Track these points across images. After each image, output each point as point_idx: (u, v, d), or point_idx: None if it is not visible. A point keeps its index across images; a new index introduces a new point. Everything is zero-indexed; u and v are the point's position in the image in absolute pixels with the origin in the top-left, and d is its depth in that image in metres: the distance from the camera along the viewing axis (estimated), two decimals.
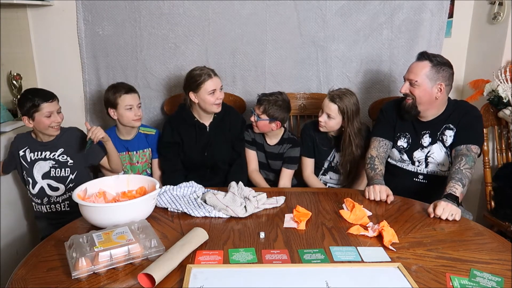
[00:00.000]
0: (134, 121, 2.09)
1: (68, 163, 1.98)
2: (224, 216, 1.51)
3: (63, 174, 1.98)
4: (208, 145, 2.10)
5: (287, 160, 2.14)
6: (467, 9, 2.45)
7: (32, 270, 1.16)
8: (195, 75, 2.02)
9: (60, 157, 1.98)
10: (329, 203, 1.65)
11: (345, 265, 1.19)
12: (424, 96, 1.79)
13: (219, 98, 2.03)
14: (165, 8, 2.38)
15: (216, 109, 2.05)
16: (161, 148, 2.15)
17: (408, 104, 1.84)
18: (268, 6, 2.38)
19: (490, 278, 1.12)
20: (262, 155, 2.19)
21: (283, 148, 2.15)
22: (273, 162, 2.18)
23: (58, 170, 1.98)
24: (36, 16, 2.42)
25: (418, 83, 1.78)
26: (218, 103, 2.04)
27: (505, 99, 2.11)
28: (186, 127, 2.10)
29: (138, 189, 1.57)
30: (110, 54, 2.47)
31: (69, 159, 1.98)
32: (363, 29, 2.42)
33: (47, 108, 1.87)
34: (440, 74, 1.77)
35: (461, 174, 1.64)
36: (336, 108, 1.98)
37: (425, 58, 1.79)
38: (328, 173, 2.18)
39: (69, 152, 1.99)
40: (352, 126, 2.01)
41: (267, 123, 2.06)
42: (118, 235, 1.23)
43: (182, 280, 1.09)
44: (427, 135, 1.89)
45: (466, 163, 1.68)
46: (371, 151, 1.93)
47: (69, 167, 1.99)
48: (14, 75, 2.34)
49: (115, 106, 2.07)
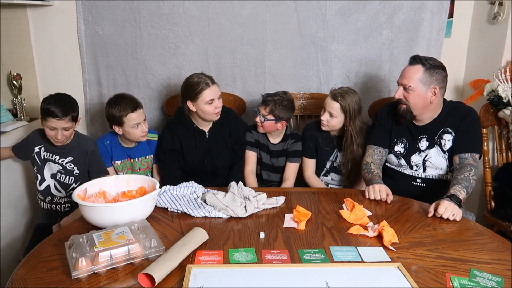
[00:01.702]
0: (141, 137, 2.04)
1: (73, 172, 1.98)
2: (224, 216, 1.51)
3: (67, 182, 1.99)
4: (208, 151, 2.07)
5: (291, 154, 2.13)
6: (467, 9, 2.45)
7: (32, 270, 1.16)
8: (193, 83, 1.95)
9: (67, 165, 1.97)
10: (329, 203, 1.65)
11: (345, 265, 1.19)
12: (418, 101, 1.77)
13: (218, 107, 1.97)
14: (165, 8, 2.38)
15: (215, 117, 2.01)
16: (160, 154, 2.11)
17: (403, 109, 1.81)
18: (268, 6, 2.38)
19: (490, 278, 1.12)
20: (267, 156, 2.18)
21: (286, 144, 2.14)
22: (277, 160, 2.17)
23: (63, 176, 1.99)
24: (36, 16, 2.42)
25: (412, 88, 1.76)
26: (217, 112, 1.98)
27: (505, 99, 2.11)
28: (185, 133, 2.06)
29: (138, 189, 1.57)
30: (110, 54, 2.46)
31: (75, 168, 1.98)
32: (363, 29, 2.42)
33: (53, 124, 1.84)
34: (434, 77, 1.75)
35: (468, 183, 1.64)
36: (338, 106, 1.98)
37: (417, 62, 1.76)
38: (330, 174, 2.17)
39: (77, 162, 1.97)
40: (354, 125, 2.01)
41: (273, 123, 2.05)
42: (118, 235, 1.23)
43: (182, 280, 1.09)
44: (424, 139, 1.87)
45: (474, 174, 1.69)
46: (366, 158, 1.93)
47: (74, 176, 1.99)
48: (14, 75, 2.35)
49: (120, 124, 1.98)
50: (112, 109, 1.97)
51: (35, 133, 2.01)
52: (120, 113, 1.96)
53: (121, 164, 2.12)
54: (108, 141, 2.10)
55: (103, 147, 2.08)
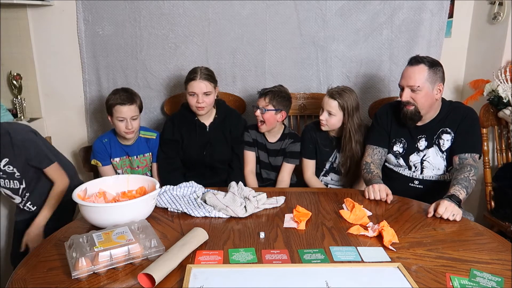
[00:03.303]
0: (125, 133, 2.01)
1: (15, 175, 1.80)
2: (224, 216, 1.51)
3: (13, 186, 1.83)
4: (207, 144, 2.10)
5: (288, 155, 2.13)
6: (467, 9, 2.45)
7: (32, 270, 1.16)
8: (189, 71, 2.05)
9: (6, 168, 1.76)
10: (329, 203, 1.65)
11: (345, 265, 1.19)
12: (426, 101, 1.77)
13: (199, 102, 2.00)
14: (165, 8, 2.38)
15: (197, 111, 2.04)
16: (162, 145, 2.15)
17: (411, 110, 1.80)
18: (268, 6, 2.38)
19: (490, 278, 1.12)
20: (264, 154, 2.19)
21: (284, 143, 2.15)
22: (275, 159, 2.17)
23: (7, 182, 1.81)
24: (36, 16, 2.41)
25: (420, 88, 1.75)
26: (198, 107, 2.01)
27: (505, 99, 2.11)
28: (186, 125, 2.11)
29: (138, 189, 1.57)
30: (110, 54, 2.46)
31: (15, 170, 1.78)
32: (363, 29, 2.42)
33: None
34: (437, 75, 1.77)
35: (468, 183, 1.64)
36: (336, 104, 1.98)
37: (420, 61, 1.76)
38: (330, 174, 2.18)
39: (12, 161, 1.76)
40: (353, 122, 2.02)
41: (273, 114, 2.05)
42: (118, 235, 1.23)
43: (182, 280, 1.09)
44: (423, 139, 1.87)
45: (474, 174, 1.69)
46: (365, 158, 1.94)
47: (17, 179, 1.82)
48: (14, 75, 2.35)
49: (110, 113, 2.02)
50: (109, 96, 2.03)
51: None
52: (110, 102, 2.00)
53: (120, 161, 2.12)
54: (107, 139, 2.10)
55: (101, 145, 2.08)
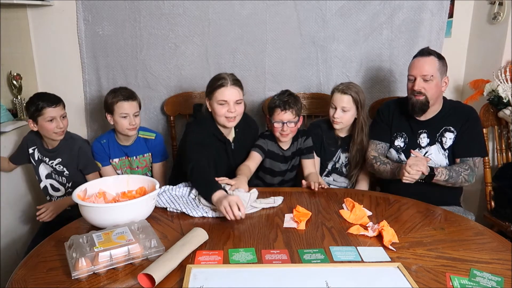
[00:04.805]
0: (128, 129, 2.00)
1: (64, 173, 2.01)
2: (222, 216, 1.50)
3: (62, 181, 2.03)
4: (233, 164, 1.92)
5: (305, 151, 2.05)
6: (467, 9, 2.45)
7: (32, 270, 1.16)
8: (214, 78, 1.82)
9: (57, 166, 1.99)
10: (329, 203, 1.65)
11: (345, 265, 1.19)
12: (435, 91, 1.81)
13: (231, 112, 1.77)
14: (165, 8, 2.38)
15: (227, 123, 1.80)
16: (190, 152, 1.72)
17: (421, 100, 1.81)
18: (268, 6, 2.38)
19: (490, 278, 1.12)
20: (281, 165, 2.05)
21: (299, 143, 2.05)
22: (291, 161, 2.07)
23: (56, 176, 2.04)
24: (36, 16, 2.42)
25: (433, 78, 1.79)
26: (229, 117, 1.78)
27: (505, 99, 2.11)
28: (212, 137, 1.84)
29: (138, 189, 1.57)
30: (110, 54, 2.46)
31: (65, 169, 2.00)
32: (363, 29, 2.42)
33: (50, 113, 1.87)
34: (445, 67, 1.83)
35: (456, 174, 1.72)
36: (349, 99, 1.96)
37: (430, 53, 1.82)
38: (332, 174, 2.17)
39: (66, 163, 1.99)
40: (364, 113, 2.03)
41: (298, 124, 1.98)
42: (118, 235, 1.23)
43: (182, 280, 1.09)
44: (424, 134, 1.89)
45: (468, 174, 1.77)
46: (370, 152, 1.96)
47: (65, 177, 2.02)
48: (14, 75, 2.34)
49: (111, 111, 1.99)
50: (108, 95, 2.02)
51: (28, 135, 2.04)
52: (112, 100, 1.99)
53: (119, 162, 2.12)
54: (105, 139, 2.09)
55: (100, 146, 2.08)
